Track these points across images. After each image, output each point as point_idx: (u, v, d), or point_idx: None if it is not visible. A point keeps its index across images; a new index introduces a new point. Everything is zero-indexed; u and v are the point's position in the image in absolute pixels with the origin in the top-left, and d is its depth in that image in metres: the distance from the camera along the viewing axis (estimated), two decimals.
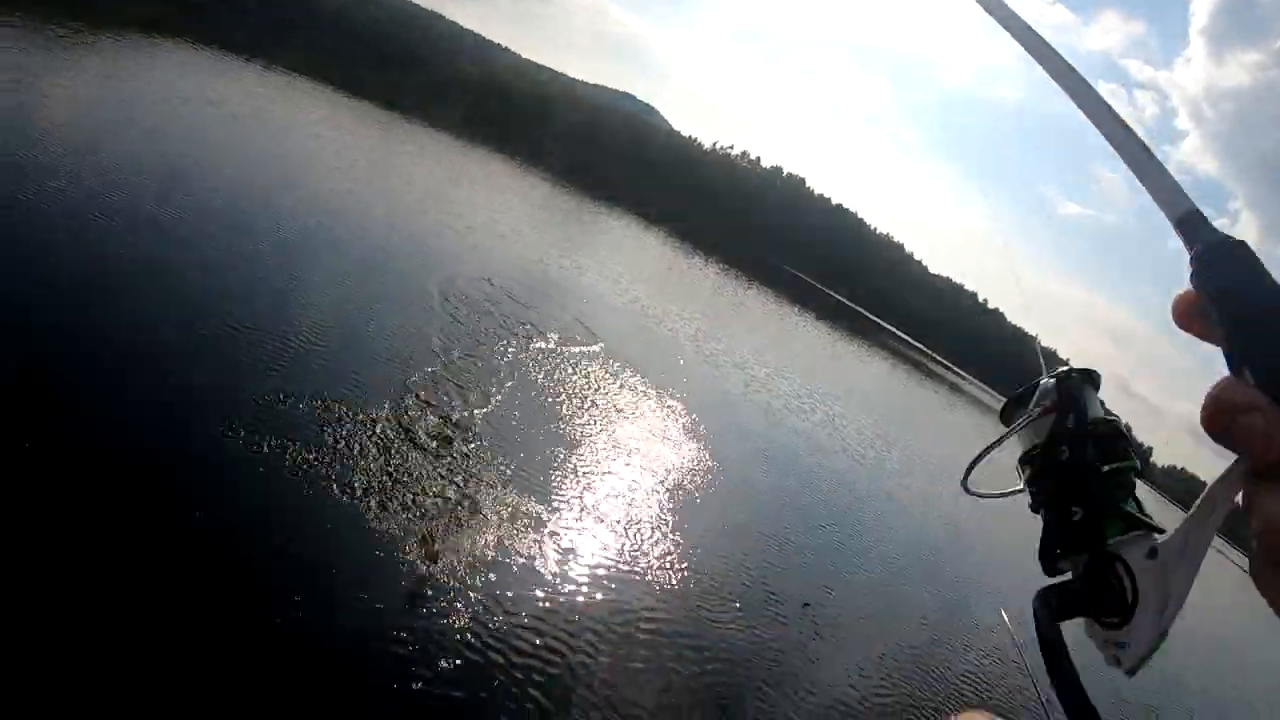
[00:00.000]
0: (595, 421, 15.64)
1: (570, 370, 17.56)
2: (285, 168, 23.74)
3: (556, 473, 12.69)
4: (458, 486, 10.69)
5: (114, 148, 16.94)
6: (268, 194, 19.44)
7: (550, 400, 15.54)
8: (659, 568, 11.32)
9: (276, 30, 53.73)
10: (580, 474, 13.08)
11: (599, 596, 10.11)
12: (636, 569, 11.06)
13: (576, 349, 19.01)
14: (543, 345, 18.01)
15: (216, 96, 28.19)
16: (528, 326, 18.67)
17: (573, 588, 9.94)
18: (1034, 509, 1.11)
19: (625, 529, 12.00)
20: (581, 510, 11.96)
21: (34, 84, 18.79)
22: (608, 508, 12.39)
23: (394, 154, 37.19)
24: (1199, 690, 20.57)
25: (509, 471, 11.78)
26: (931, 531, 21.12)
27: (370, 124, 42.26)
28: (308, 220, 18.82)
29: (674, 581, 11.16)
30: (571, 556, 10.58)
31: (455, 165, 43.56)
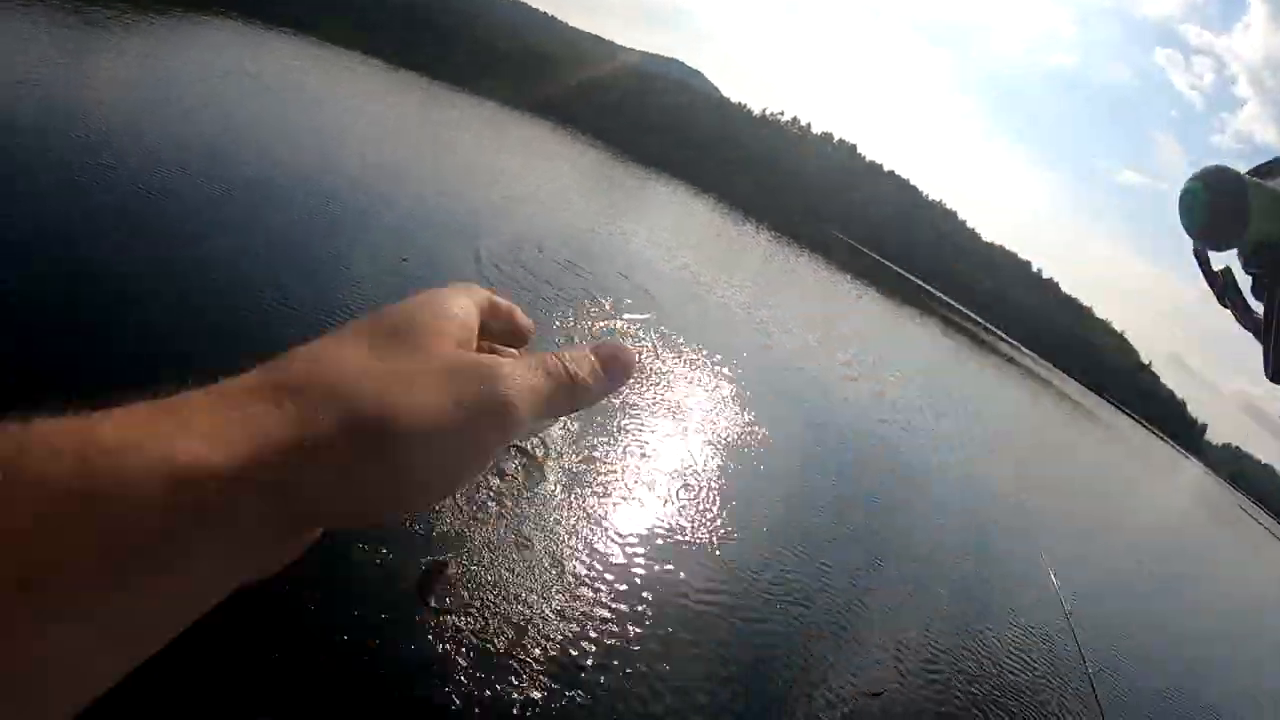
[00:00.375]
0: (651, 391, 15.47)
1: (625, 339, 17.36)
2: (328, 139, 23.68)
3: (612, 444, 12.55)
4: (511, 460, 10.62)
5: (157, 124, 16.97)
6: (309, 166, 19.35)
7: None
8: (703, 539, 11.14)
9: (319, 3, 53.33)
10: (636, 446, 12.93)
11: (644, 566, 10.00)
12: (682, 539, 10.88)
13: (630, 316, 18.73)
14: (596, 314, 17.80)
15: (256, 70, 28.21)
16: (579, 295, 18.48)
17: (622, 558, 9.83)
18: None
19: (675, 500, 11.75)
20: (635, 481, 11.80)
21: (79, 64, 18.89)
22: (660, 479, 12.17)
23: (438, 124, 37.03)
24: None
25: (565, 443, 11.69)
26: (988, 513, 20.61)
27: (414, 94, 42.10)
28: (351, 191, 18.65)
29: (716, 552, 10.97)
30: (623, 528, 10.46)
31: (500, 134, 43.32)
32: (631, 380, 0.65)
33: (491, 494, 9.72)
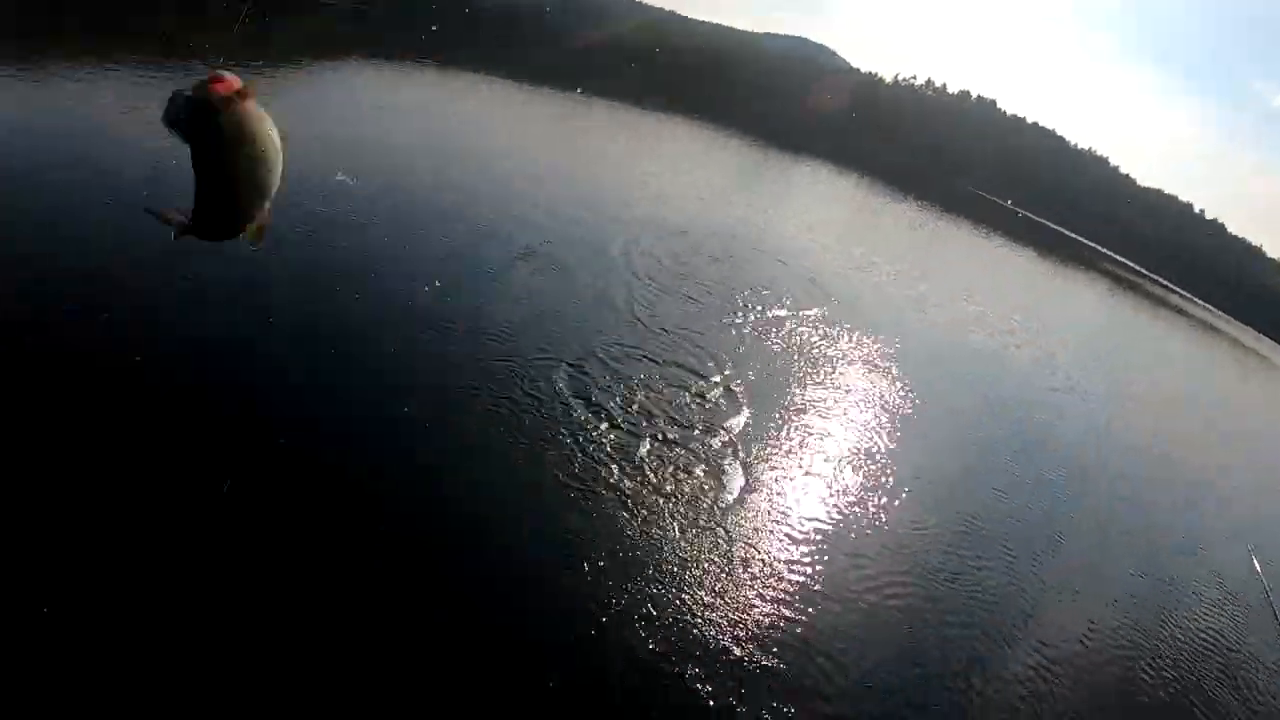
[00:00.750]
0: (823, 375, 15.55)
1: (790, 328, 17.45)
2: (467, 154, 24.33)
3: (794, 428, 12.77)
4: (705, 446, 10.99)
5: (322, 158, 18.05)
6: (453, 181, 19.93)
7: (783, 362, 15.54)
8: (876, 517, 11.20)
9: (440, 31, 53.51)
10: (816, 428, 13.12)
11: (819, 541, 10.13)
12: (857, 516, 11.06)
13: (805, 313, 18.82)
14: (776, 317, 17.98)
15: (399, 101, 29.25)
16: (741, 290, 18.67)
17: (801, 531, 10.11)
18: None
19: (848, 478, 11.97)
20: (816, 460, 12.05)
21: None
22: (834, 459, 12.40)
23: (575, 131, 37.43)
24: None
25: (748, 427, 11.97)
26: (1170, 481, 19.53)
27: (548, 105, 42.55)
28: (506, 201, 19.45)
29: (888, 529, 11.00)
30: (805, 504, 10.72)
31: (633, 135, 43.35)
32: None
33: (681, 479, 10.14)
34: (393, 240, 14.54)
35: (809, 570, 9.31)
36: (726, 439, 11.42)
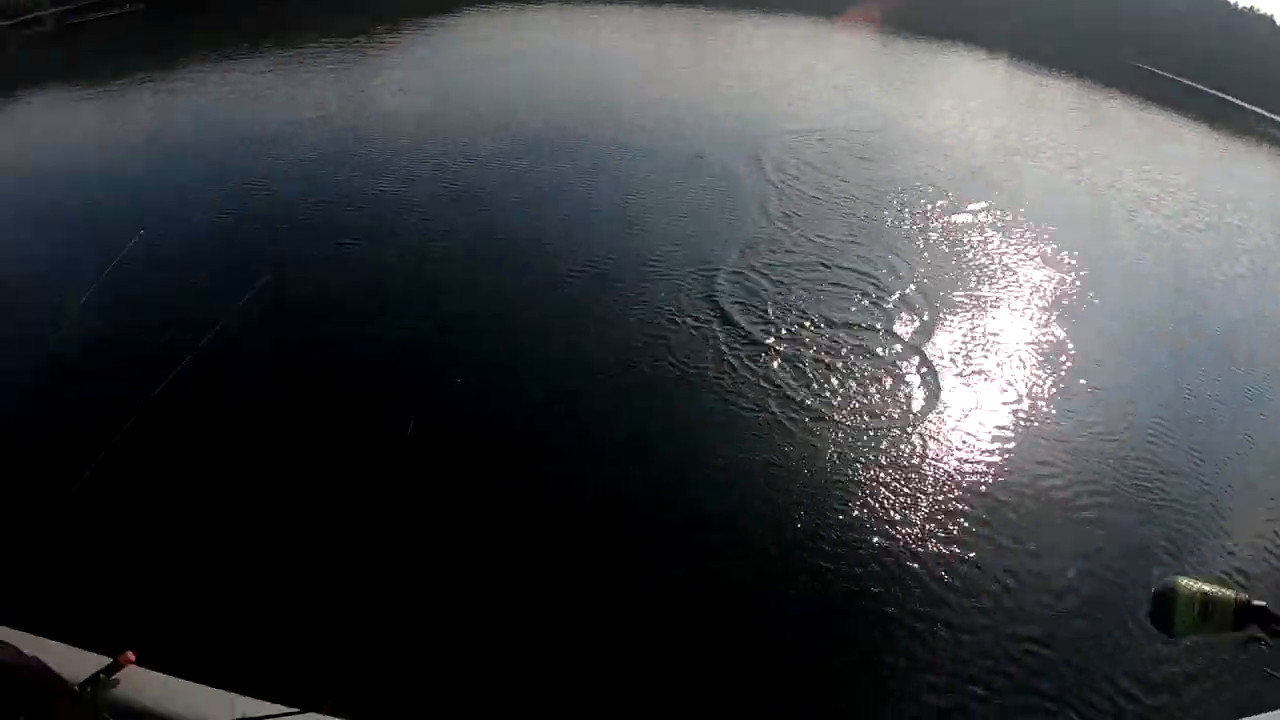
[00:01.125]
0: (998, 277, 14.86)
1: (956, 224, 16.82)
2: (585, 83, 24.47)
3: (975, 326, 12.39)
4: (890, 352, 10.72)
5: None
6: (610, 101, 19.78)
7: (952, 262, 14.94)
8: (1057, 416, 10.81)
9: None
10: (995, 331, 12.67)
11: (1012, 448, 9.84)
12: (1039, 414, 10.72)
13: (974, 207, 18.00)
14: (942, 207, 17.37)
15: (518, 45, 28.88)
16: (900, 186, 18.02)
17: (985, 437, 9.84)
18: None
19: (1040, 388, 11.43)
20: (998, 359, 11.77)
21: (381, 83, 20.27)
22: (1022, 367, 11.88)
23: (713, 49, 36.11)
24: None
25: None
26: None
27: (679, 25, 41.01)
28: (642, 128, 19.48)
29: (1075, 432, 10.49)
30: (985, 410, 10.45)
31: (768, 41, 41.24)
32: None
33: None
34: (535, 184, 14.91)
35: (993, 481, 9.07)
36: (900, 348, 11.14)
